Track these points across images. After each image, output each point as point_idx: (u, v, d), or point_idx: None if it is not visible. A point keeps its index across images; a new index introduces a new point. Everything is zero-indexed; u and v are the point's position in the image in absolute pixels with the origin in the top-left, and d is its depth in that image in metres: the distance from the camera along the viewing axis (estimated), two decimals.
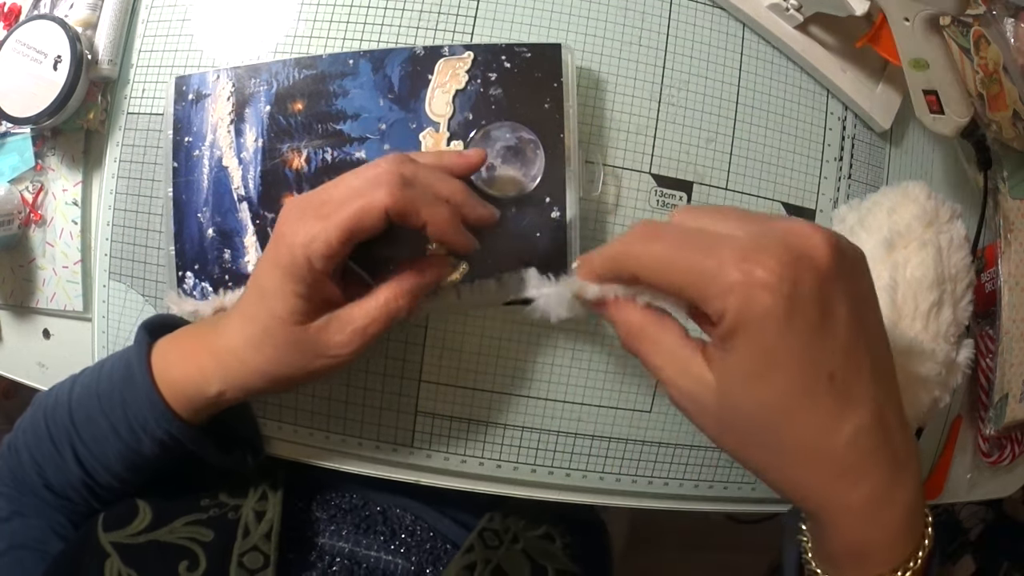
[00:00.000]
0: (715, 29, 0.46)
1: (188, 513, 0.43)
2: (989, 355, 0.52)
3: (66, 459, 0.40)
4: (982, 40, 0.53)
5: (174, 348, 0.40)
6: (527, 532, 0.51)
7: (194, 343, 0.40)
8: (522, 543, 0.50)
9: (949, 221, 0.44)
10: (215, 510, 0.44)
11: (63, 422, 0.41)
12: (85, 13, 0.46)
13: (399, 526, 0.49)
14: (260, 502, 0.45)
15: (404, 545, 0.48)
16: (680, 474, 0.47)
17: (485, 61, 0.41)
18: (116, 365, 0.41)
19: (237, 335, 0.37)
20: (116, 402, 0.39)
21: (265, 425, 0.46)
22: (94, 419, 0.40)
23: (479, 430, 0.46)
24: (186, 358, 0.39)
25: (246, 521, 0.43)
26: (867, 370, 0.27)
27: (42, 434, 0.41)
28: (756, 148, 0.46)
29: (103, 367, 0.42)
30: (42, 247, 0.48)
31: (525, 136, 0.41)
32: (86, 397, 0.41)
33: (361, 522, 0.48)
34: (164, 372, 0.39)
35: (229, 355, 0.37)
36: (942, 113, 0.43)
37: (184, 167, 0.43)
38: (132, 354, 0.40)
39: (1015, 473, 0.58)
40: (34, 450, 0.42)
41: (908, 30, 0.40)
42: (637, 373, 0.45)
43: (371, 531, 0.48)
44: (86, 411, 0.40)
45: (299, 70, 0.42)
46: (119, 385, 0.39)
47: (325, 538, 0.47)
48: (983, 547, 1.06)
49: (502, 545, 0.49)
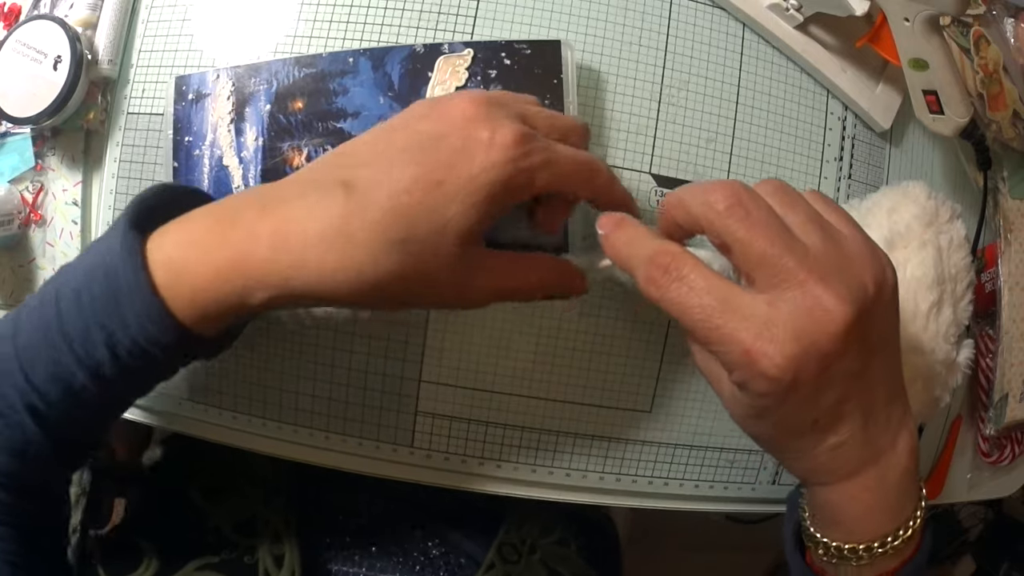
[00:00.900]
0: (715, 29, 0.46)
1: (198, 557, 0.40)
2: (989, 355, 0.52)
3: (20, 415, 0.30)
4: (982, 40, 0.53)
5: (184, 241, 0.29)
6: (542, 540, 0.51)
7: (225, 230, 0.29)
8: (539, 553, 0.50)
9: (949, 221, 0.44)
10: (226, 552, 0.42)
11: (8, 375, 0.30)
12: (85, 13, 0.46)
13: (412, 546, 0.48)
14: (276, 544, 0.42)
15: (418, 564, 0.47)
16: (680, 474, 0.47)
17: (485, 58, 0.41)
18: (82, 273, 0.29)
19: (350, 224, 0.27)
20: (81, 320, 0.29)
21: (265, 425, 0.46)
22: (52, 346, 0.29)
23: (479, 430, 0.46)
24: (211, 253, 0.28)
25: (265, 566, 0.40)
26: (856, 397, 0.29)
27: None
28: (756, 148, 0.46)
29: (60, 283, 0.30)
30: (42, 247, 0.48)
31: None
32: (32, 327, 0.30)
33: (372, 545, 0.47)
34: (171, 277, 0.28)
35: (318, 248, 0.27)
36: (942, 113, 0.43)
37: (184, 167, 0.43)
38: (116, 254, 0.28)
39: (1015, 473, 0.58)
40: None
41: (908, 30, 0.40)
42: (637, 373, 0.45)
43: (383, 553, 0.47)
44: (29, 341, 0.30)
45: (299, 69, 0.42)
46: (94, 297, 0.29)
47: (338, 564, 0.45)
48: (983, 547, 1.06)
49: (521, 559, 0.48)
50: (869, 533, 0.31)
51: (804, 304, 0.27)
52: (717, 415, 0.47)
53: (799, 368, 0.27)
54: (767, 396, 0.28)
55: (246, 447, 0.46)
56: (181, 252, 0.29)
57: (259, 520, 0.44)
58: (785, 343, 0.27)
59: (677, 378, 0.46)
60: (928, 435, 0.52)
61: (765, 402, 0.29)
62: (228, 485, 0.48)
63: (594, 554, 0.54)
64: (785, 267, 0.27)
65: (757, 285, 0.28)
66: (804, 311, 0.27)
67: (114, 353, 0.29)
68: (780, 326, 0.27)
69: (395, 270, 0.27)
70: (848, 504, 0.31)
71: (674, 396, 0.46)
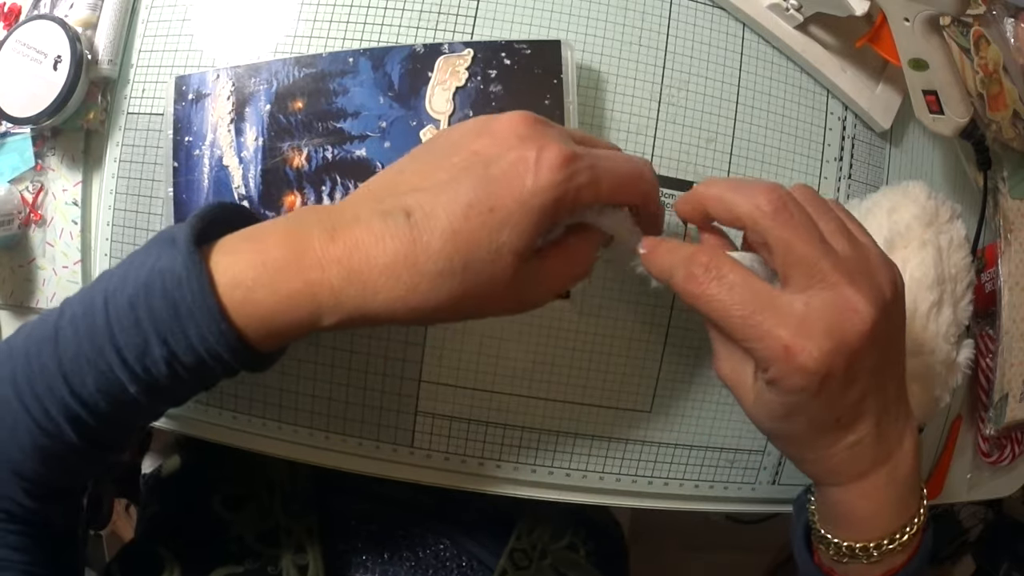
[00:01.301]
0: (715, 29, 0.46)
1: (221, 565, 0.41)
2: (989, 355, 0.52)
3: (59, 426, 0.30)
4: (982, 40, 0.53)
5: (256, 263, 0.29)
6: (552, 545, 0.52)
7: (297, 255, 0.29)
8: (550, 558, 0.50)
9: (949, 221, 0.44)
10: (249, 561, 0.42)
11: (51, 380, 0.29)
12: (85, 13, 0.46)
13: (425, 551, 0.48)
14: (299, 555, 0.43)
15: (431, 568, 0.47)
16: (680, 474, 0.47)
17: (485, 58, 0.41)
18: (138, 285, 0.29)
19: (413, 252, 0.28)
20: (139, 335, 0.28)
21: (265, 425, 0.46)
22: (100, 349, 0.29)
23: (479, 430, 0.46)
24: (284, 277, 0.29)
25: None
26: (872, 395, 0.31)
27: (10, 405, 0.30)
28: (756, 148, 0.46)
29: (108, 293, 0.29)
30: (42, 247, 0.48)
31: None
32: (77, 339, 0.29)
33: (385, 550, 0.47)
34: (240, 298, 0.29)
35: (385, 277, 0.28)
36: (942, 113, 0.43)
37: (184, 167, 0.43)
38: (179, 273, 0.28)
39: (1015, 473, 0.58)
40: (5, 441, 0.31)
41: (908, 30, 0.40)
42: (637, 373, 0.46)
43: (396, 558, 0.47)
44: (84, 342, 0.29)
45: (299, 69, 0.42)
46: (153, 313, 0.28)
47: (352, 571, 0.46)
48: (983, 547, 1.06)
49: (531, 564, 0.49)
50: (879, 531, 0.33)
51: (836, 304, 0.29)
52: (717, 415, 0.47)
53: (832, 363, 0.29)
54: (801, 392, 0.30)
55: (246, 447, 0.47)
56: (252, 273, 0.29)
57: (282, 529, 0.44)
58: (821, 339, 0.29)
59: (677, 378, 0.46)
60: (928, 435, 0.52)
61: (797, 399, 0.30)
62: (248, 493, 0.48)
63: (602, 558, 0.55)
64: (821, 270, 0.29)
65: (792, 285, 0.30)
66: (836, 310, 0.29)
67: (173, 369, 0.29)
68: (816, 323, 0.29)
69: (457, 294, 0.29)
70: (860, 503, 0.33)
71: (674, 396, 0.46)
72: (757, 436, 0.48)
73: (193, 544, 0.43)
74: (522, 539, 0.50)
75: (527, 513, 0.52)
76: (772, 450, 0.48)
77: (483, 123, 0.31)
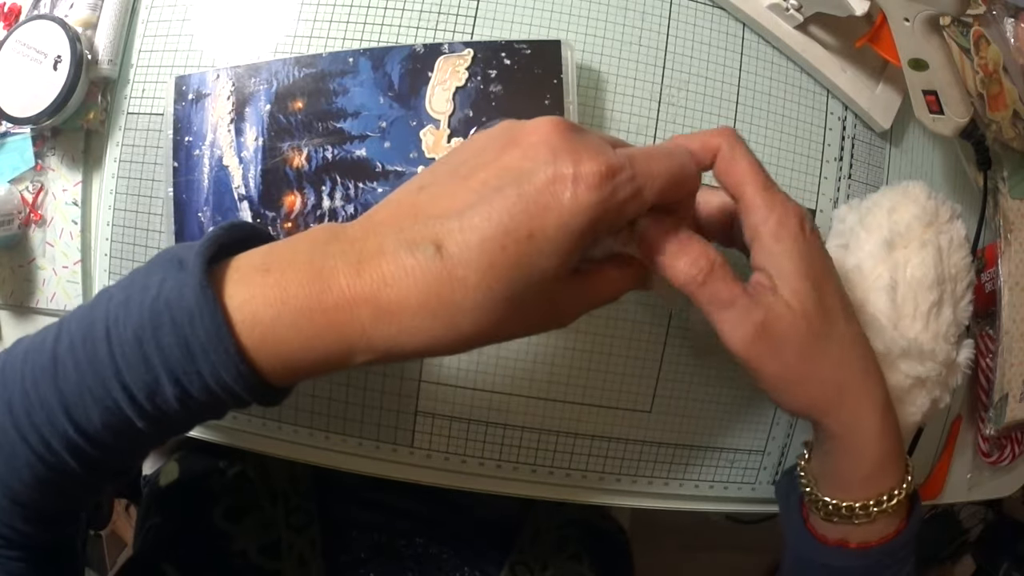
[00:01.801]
0: (715, 29, 0.46)
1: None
2: (989, 355, 0.52)
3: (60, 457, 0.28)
4: (982, 40, 0.53)
5: (276, 300, 0.26)
6: (555, 558, 0.51)
7: (321, 291, 0.26)
8: (551, 569, 0.50)
9: (949, 221, 0.44)
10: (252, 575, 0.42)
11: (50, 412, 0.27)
12: (85, 13, 0.46)
13: (428, 561, 0.48)
14: (301, 568, 0.42)
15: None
16: (680, 474, 0.47)
17: (485, 58, 0.41)
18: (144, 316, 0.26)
19: (447, 289, 0.26)
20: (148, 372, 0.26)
21: (265, 425, 0.46)
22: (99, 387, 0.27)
23: (479, 430, 0.46)
24: (309, 316, 0.26)
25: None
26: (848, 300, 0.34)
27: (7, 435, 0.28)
28: (756, 148, 0.45)
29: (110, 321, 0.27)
30: (42, 247, 0.48)
31: None
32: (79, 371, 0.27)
33: (387, 562, 0.47)
34: (259, 336, 0.26)
35: (418, 315, 0.26)
36: (942, 113, 0.43)
37: (184, 167, 0.43)
38: (190, 307, 0.26)
39: (1015, 473, 0.58)
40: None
41: (908, 30, 0.40)
42: (637, 373, 0.46)
43: (399, 568, 0.47)
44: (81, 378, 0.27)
45: (299, 69, 0.42)
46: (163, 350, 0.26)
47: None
48: (983, 547, 1.06)
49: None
50: (873, 491, 0.34)
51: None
52: (717, 415, 0.47)
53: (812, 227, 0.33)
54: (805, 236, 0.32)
55: (246, 447, 0.47)
56: (272, 312, 0.26)
57: (283, 542, 0.44)
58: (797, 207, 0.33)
59: (677, 378, 0.46)
60: (928, 435, 0.52)
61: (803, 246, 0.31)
62: (250, 504, 0.48)
63: (606, 567, 0.54)
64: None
65: None
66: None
67: (185, 405, 0.27)
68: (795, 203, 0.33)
69: (495, 324, 0.27)
70: (865, 449, 0.34)
71: (674, 396, 0.46)
72: (757, 436, 0.48)
73: (195, 560, 0.43)
74: (524, 551, 0.49)
75: (529, 520, 0.52)
76: (772, 450, 0.48)
77: (510, 132, 0.28)
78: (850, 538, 0.36)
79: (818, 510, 0.37)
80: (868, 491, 0.35)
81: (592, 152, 0.26)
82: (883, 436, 0.34)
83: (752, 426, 0.47)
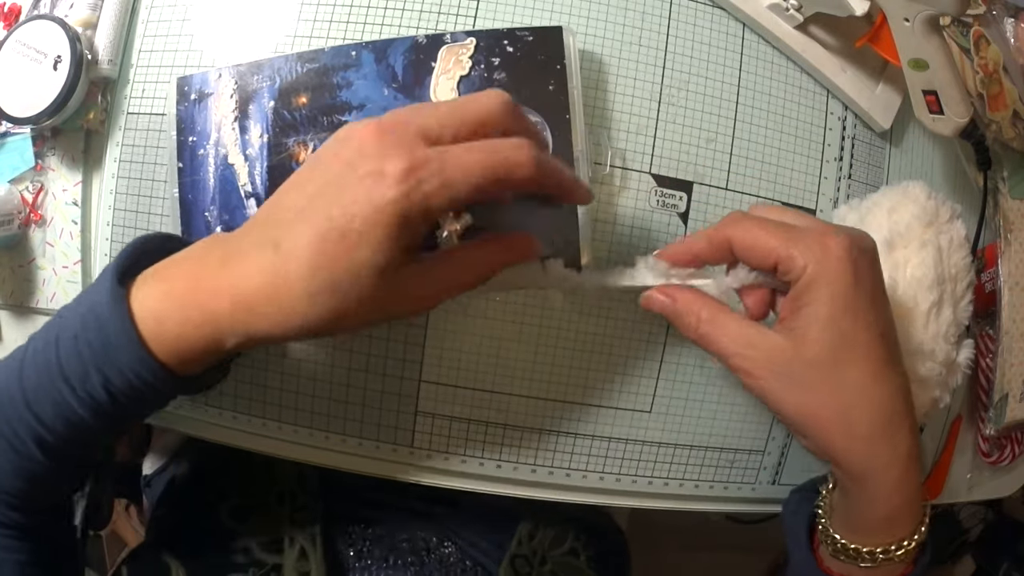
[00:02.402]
0: (715, 29, 0.46)
1: (226, 574, 0.42)
2: (989, 355, 0.52)
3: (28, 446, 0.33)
4: (982, 40, 0.53)
5: (163, 295, 0.32)
6: (553, 551, 0.52)
7: (195, 286, 0.32)
8: (550, 564, 0.51)
9: (949, 221, 0.44)
10: (254, 570, 0.43)
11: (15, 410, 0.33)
12: (85, 13, 0.46)
13: (428, 555, 0.49)
14: (301, 562, 0.44)
15: (436, 573, 0.48)
16: (680, 474, 0.47)
17: (488, 46, 0.41)
18: (78, 321, 0.32)
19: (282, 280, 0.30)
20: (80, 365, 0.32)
21: (265, 425, 0.46)
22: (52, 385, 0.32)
23: (479, 430, 0.46)
24: (186, 307, 0.31)
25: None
26: (895, 343, 0.34)
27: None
28: (756, 148, 0.46)
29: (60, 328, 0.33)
30: (42, 247, 0.48)
31: (531, 118, 0.41)
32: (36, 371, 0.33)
33: (389, 554, 0.48)
34: (155, 327, 0.31)
35: (265, 303, 0.30)
36: (942, 113, 0.43)
37: (189, 167, 0.43)
38: (105, 308, 0.31)
39: (1015, 473, 0.58)
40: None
41: (908, 30, 0.40)
42: (637, 373, 0.46)
43: (399, 562, 0.48)
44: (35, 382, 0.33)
45: (301, 64, 0.42)
46: (90, 346, 0.32)
47: (355, 575, 0.46)
48: (983, 547, 1.06)
49: (532, 570, 0.50)
50: (884, 538, 0.35)
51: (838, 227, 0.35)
52: (717, 415, 0.47)
53: (858, 254, 0.33)
54: (843, 273, 0.32)
55: (246, 447, 0.47)
56: (161, 305, 0.32)
57: (286, 539, 0.45)
58: (841, 235, 0.33)
59: (677, 378, 0.46)
60: (928, 435, 0.52)
61: (842, 285, 0.32)
62: (256, 503, 0.49)
63: (603, 565, 0.55)
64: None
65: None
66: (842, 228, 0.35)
67: (111, 394, 0.32)
68: (834, 230, 0.34)
69: (332, 311, 0.30)
70: (877, 497, 0.34)
71: (674, 396, 0.46)
72: (757, 436, 0.48)
73: (199, 553, 0.44)
74: (523, 545, 0.50)
75: (528, 516, 0.52)
76: (772, 450, 0.48)
77: (340, 138, 0.31)
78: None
79: (827, 544, 0.37)
80: (878, 538, 0.35)
81: (398, 150, 0.29)
82: (900, 487, 0.34)
83: (752, 426, 0.47)
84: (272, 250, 0.30)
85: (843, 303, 0.32)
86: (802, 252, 0.32)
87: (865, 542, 0.35)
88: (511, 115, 0.32)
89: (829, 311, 0.32)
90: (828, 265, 0.32)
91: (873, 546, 0.35)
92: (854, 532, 0.36)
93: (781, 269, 0.34)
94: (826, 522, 0.37)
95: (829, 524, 0.37)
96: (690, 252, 0.36)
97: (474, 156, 0.30)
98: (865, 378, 0.33)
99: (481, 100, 0.31)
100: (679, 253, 0.37)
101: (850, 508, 0.36)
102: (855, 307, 0.32)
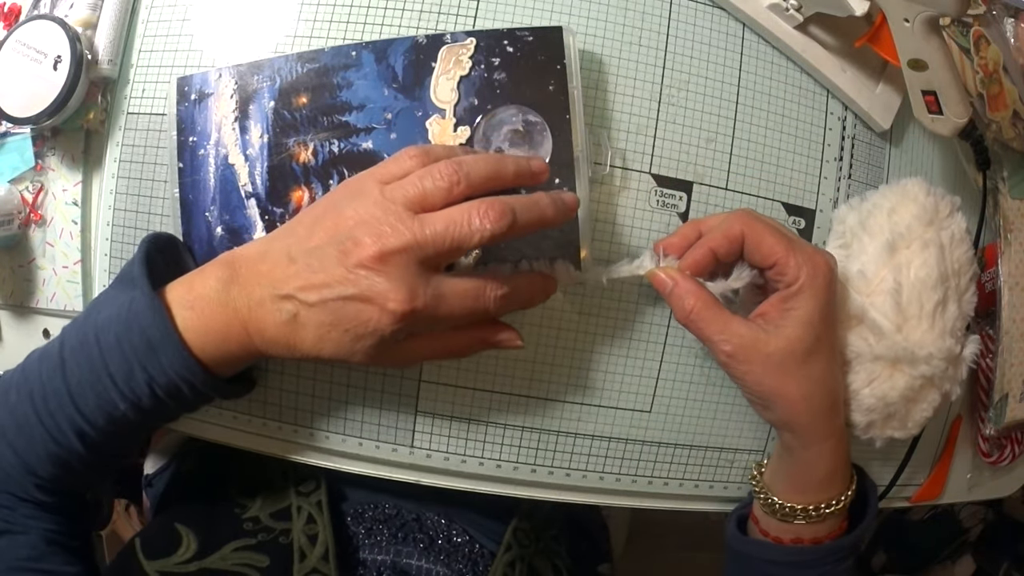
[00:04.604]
0: (715, 29, 0.46)
1: (235, 539, 0.44)
2: (989, 355, 0.52)
3: (68, 437, 0.37)
4: (982, 40, 0.53)
5: (201, 327, 0.37)
6: (544, 532, 0.54)
7: (227, 325, 0.37)
8: (543, 542, 0.54)
9: (949, 216, 0.44)
10: (263, 535, 0.45)
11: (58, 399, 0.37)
12: (85, 13, 0.46)
13: (435, 532, 0.51)
14: (309, 525, 0.46)
15: (443, 552, 0.49)
16: (680, 474, 0.47)
17: (488, 46, 0.41)
18: (120, 324, 0.36)
19: (295, 343, 0.36)
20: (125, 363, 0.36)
21: (265, 425, 0.46)
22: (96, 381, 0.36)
23: (479, 430, 0.46)
24: (222, 341, 0.37)
25: (300, 544, 0.44)
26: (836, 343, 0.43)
27: (29, 419, 0.37)
28: (756, 148, 0.46)
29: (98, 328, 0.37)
30: (42, 247, 0.48)
31: (531, 119, 0.41)
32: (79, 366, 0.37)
33: (397, 531, 0.49)
34: (202, 334, 0.37)
35: (280, 349, 0.37)
36: (941, 114, 0.43)
37: (190, 167, 0.43)
38: (146, 317, 0.36)
39: (1015, 473, 0.58)
40: (15, 441, 0.37)
41: (908, 31, 0.40)
42: (637, 373, 0.46)
43: (408, 539, 0.49)
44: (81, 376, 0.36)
45: (302, 64, 0.42)
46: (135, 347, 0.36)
47: (366, 552, 0.47)
48: (983, 547, 1.06)
49: (531, 544, 0.52)
50: (823, 495, 0.43)
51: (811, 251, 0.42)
52: (717, 415, 0.47)
53: (830, 273, 0.41)
54: (825, 289, 0.40)
55: (246, 447, 0.47)
56: (202, 336, 0.37)
57: (293, 508, 0.47)
58: (825, 255, 0.41)
59: (677, 378, 0.46)
60: (928, 435, 0.52)
61: (822, 297, 0.40)
62: (264, 481, 0.50)
63: (578, 562, 0.58)
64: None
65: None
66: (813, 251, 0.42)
67: (153, 391, 0.36)
68: (819, 250, 0.41)
69: (335, 361, 0.38)
70: (817, 463, 0.42)
71: (674, 396, 0.46)
72: (757, 436, 0.48)
73: (209, 522, 0.45)
74: (523, 521, 0.52)
75: (524, 505, 0.53)
76: (772, 450, 0.48)
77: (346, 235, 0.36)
78: (804, 535, 0.43)
79: (774, 513, 0.44)
80: (819, 495, 0.43)
81: (403, 291, 0.34)
82: (836, 452, 0.42)
83: (752, 426, 0.48)
84: (289, 316, 0.36)
85: (820, 313, 0.40)
86: (799, 262, 0.39)
87: (808, 500, 0.43)
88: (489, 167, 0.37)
89: (810, 317, 0.40)
90: (817, 280, 0.39)
91: (816, 503, 0.42)
92: (798, 492, 0.43)
93: (777, 270, 0.40)
94: (765, 495, 0.44)
95: (770, 494, 0.44)
96: (708, 250, 0.41)
97: (466, 296, 0.36)
98: (825, 370, 0.41)
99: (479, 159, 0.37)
100: (699, 257, 0.41)
101: (796, 472, 0.43)
102: (826, 316, 0.40)
